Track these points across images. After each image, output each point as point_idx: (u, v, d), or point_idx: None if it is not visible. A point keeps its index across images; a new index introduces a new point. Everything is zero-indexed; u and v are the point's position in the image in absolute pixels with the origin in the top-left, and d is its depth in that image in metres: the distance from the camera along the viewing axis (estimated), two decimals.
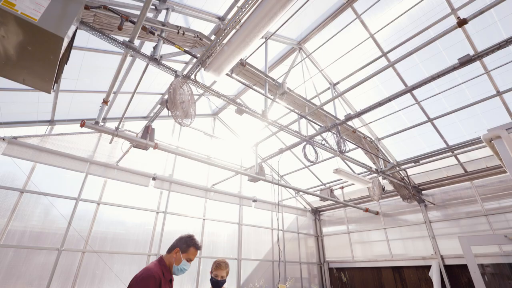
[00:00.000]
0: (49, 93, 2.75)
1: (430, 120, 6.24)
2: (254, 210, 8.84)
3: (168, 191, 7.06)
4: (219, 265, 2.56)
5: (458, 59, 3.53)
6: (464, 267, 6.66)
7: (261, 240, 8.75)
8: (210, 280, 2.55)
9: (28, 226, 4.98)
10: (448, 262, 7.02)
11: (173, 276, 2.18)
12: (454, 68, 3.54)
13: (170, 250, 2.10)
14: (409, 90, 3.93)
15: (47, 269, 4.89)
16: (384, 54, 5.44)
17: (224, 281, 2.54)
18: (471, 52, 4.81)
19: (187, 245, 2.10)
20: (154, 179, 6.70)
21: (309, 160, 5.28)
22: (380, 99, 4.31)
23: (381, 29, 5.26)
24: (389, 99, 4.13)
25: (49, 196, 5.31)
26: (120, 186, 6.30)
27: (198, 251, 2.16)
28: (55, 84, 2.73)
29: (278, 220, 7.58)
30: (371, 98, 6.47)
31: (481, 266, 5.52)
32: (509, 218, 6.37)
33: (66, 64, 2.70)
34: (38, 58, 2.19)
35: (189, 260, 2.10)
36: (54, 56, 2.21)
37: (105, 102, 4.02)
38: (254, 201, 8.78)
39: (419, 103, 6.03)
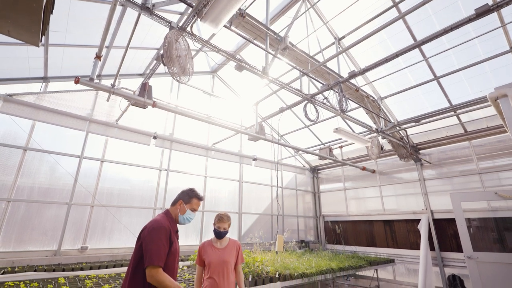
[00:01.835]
0: (38, 46, 2.61)
1: (436, 78, 6.03)
2: (254, 168, 9.08)
3: (170, 150, 7.17)
4: (221, 218, 2.72)
5: (475, 10, 3.26)
6: (451, 221, 7.09)
7: (261, 196, 9.17)
8: (214, 231, 2.73)
9: (36, 183, 5.16)
10: (437, 216, 7.45)
11: (178, 227, 2.32)
12: (469, 20, 3.29)
13: (174, 203, 2.20)
14: (419, 44, 3.71)
15: (59, 221, 5.20)
16: (395, 4, 5.00)
17: (226, 232, 2.72)
18: (490, 2, 4.43)
19: (189, 197, 2.21)
20: (155, 138, 6.74)
21: (309, 119, 5.24)
22: (386, 55, 4.10)
23: None
24: (396, 55, 3.92)
25: (52, 154, 5.40)
26: (122, 144, 6.37)
27: (201, 203, 2.27)
28: (43, 36, 2.57)
29: (277, 178, 7.83)
30: (377, 55, 6.17)
31: (468, 220, 5.87)
32: (501, 177, 6.58)
33: (51, 13, 2.50)
34: (20, 6, 2.01)
35: (193, 210, 2.22)
36: (36, 3, 2.03)
37: (98, 57, 3.83)
38: (254, 159, 8.97)
39: (427, 60, 5.77)
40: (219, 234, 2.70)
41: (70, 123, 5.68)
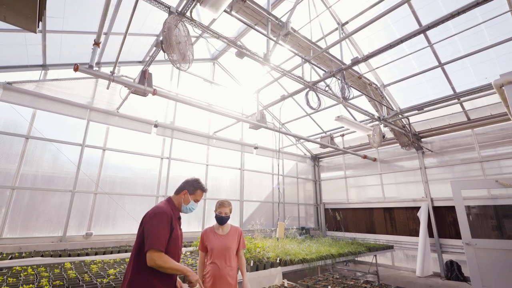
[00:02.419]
0: (35, 32, 2.56)
1: (441, 65, 5.93)
2: (256, 156, 9.11)
3: (171, 138, 7.18)
4: (222, 204, 2.76)
5: None
6: (450, 208, 7.15)
7: (262, 184, 9.24)
8: (215, 217, 2.76)
9: (39, 171, 5.20)
10: (437, 204, 7.52)
11: (181, 214, 2.35)
12: (477, 4, 3.19)
13: (178, 192, 2.22)
14: (424, 29, 3.62)
15: (64, 209, 5.29)
16: None
17: (228, 217, 2.75)
18: None
19: (194, 188, 2.22)
20: (156, 126, 6.73)
21: (311, 107, 5.19)
22: (391, 41, 4.00)
23: None
24: (401, 40, 3.84)
25: (54, 142, 5.42)
26: (123, 133, 6.37)
27: (204, 193, 2.28)
28: (40, 22, 2.52)
29: (278, 166, 7.85)
30: (381, 41, 6.04)
31: (467, 208, 5.91)
32: (502, 165, 6.57)
33: None
34: None
35: (196, 200, 2.24)
36: None
37: (96, 44, 3.76)
38: (256, 148, 8.98)
39: (432, 46, 5.65)
40: (221, 220, 2.74)
41: (70, 111, 5.67)
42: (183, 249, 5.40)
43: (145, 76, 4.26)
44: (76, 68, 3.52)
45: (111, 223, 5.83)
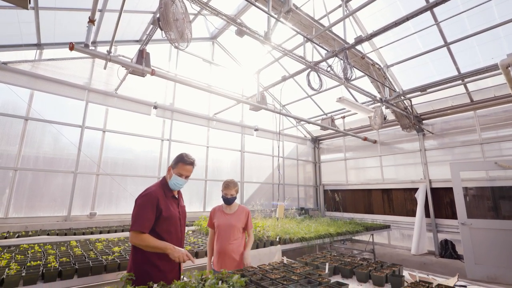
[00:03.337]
0: (27, 8, 2.48)
1: (447, 44, 5.76)
2: (256, 138, 9.11)
3: (171, 120, 7.14)
4: (228, 185, 2.83)
5: None
6: (448, 190, 7.26)
7: (262, 166, 9.32)
8: (222, 197, 2.85)
9: (40, 152, 5.23)
10: (435, 185, 7.61)
11: (181, 192, 2.38)
12: None
13: (167, 169, 2.25)
14: (432, 6, 3.47)
15: (67, 189, 5.37)
16: None
17: (234, 198, 2.84)
18: None
19: (175, 162, 2.21)
20: (155, 107, 6.67)
21: (312, 88, 5.10)
22: (396, 19, 3.86)
23: None
24: (407, 18, 3.69)
25: (54, 123, 5.39)
26: (122, 114, 6.33)
27: (193, 168, 2.24)
28: None
29: (278, 148, 7.87)
30: (386, 18, 5.83)
31: (465, 189, 5.99)
32: (503, 147, 6.58)
33: None
34: None
35: (180, 175, 2.18)
36: None
37: (91, 21, 3.63)
38: (256, 130, 8.96)
39: (439, 24, 5.46)
40: (227, 201, 2.84)
41: (68, 92, 5.59)
42: (186, 228, 5.53)
43: (142, 56, 4.16)
44: (71, 47, 3.42)
45: (114, 203, 5.94)
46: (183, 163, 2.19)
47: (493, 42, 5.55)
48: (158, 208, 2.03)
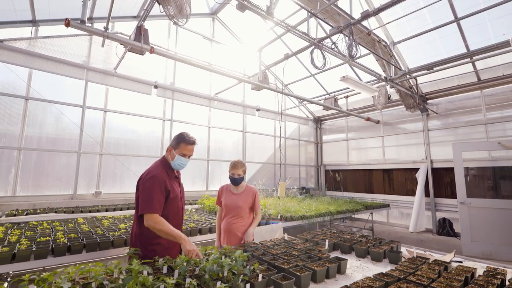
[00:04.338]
0: None
1: (457, 19, 5.52)
2: (258, 118, 9.05)
3: (172, 100, 7.07)
4: (235, 165, 2.83)
5: None
6: (449, 170, 7.29)
7: (264, 146, 9.35)
8: (229, 177, 2.86)
9: (43, 132, 5.24)
10: (436, 165, 7.64)
11: (180, 175, 2.38)
12: None
13: (167, 149, 2.22)
14: None
15: (71, 169, 5.45)
16: None
17: (241, 178, 2.83)
18: None
19: (176, 142, 2.17)
20: (156, 87, 6.58)
21: (316, 67, 4.97)
22: None
23: None
24: None
25: (54, 103, 5.36)
26: (123, 94, 6.26)
27: (194, 147, 2.21)
28: None
29: (280, 128, 7.84)
30: None
31: (466, 169, 6.01)
32: (507, 127, 6.51)
33: None
34: None
35: (183, 155, 2.15)
36: None
37: None
38: (258, 110, 8.88)
39: None
40: (234, 181, 2.84)
41: (67, 71, 5.50)
42: (189, 207, 5.66)
43: (140, 32, 4.03)
44: (67, 23, 3.32)
45: (118, 182, 6.05)
46: (185, 143, 2.15)
47: (506, 17, 5.30)
48: (166, 189, 2.03)
